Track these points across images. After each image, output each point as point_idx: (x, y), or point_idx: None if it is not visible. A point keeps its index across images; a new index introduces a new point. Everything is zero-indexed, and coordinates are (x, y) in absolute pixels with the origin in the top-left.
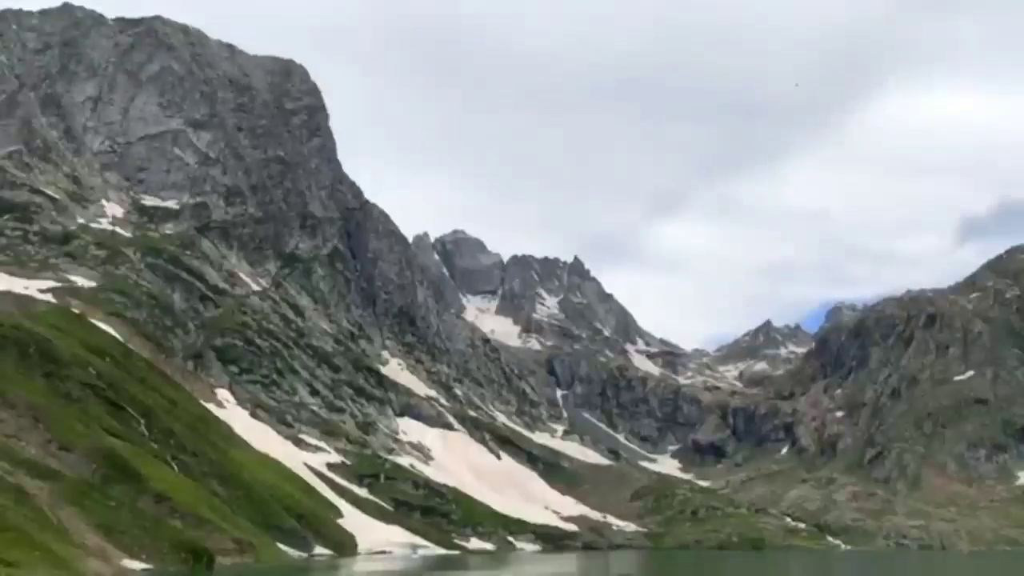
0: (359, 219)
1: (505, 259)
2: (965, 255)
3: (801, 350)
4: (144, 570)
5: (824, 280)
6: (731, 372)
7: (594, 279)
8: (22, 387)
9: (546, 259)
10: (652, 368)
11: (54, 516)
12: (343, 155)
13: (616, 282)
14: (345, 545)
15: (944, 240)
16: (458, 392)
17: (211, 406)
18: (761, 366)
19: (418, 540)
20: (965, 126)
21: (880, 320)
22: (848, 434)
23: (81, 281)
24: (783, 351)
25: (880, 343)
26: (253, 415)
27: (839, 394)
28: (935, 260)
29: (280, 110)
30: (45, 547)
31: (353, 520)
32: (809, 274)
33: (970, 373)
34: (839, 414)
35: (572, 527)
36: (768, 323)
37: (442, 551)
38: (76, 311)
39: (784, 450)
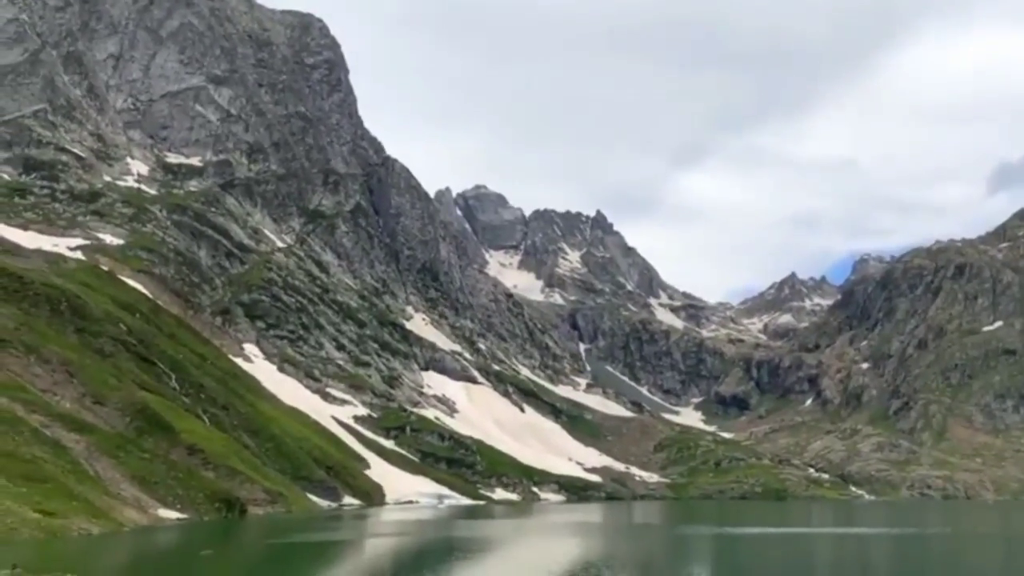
0: (381, 175)
1: (527, 213)
2: (996, 204)
3: (826, 302)
4: (179, 519)
5: (850, 231)
6: (755, 325)
7: (617, 233)
8: (55, 343)
9: (568, 213)
10: (675, 321)
11: (90, 468)
12: (364, 110)
13: (639, 235)
14: (373, 495)
15: (975, 189)
16: (482, 346)
17: (239, 361)
18: (786, 319)
19: (444, 490)
20: (1000, 71)
21: (908, 271)
22: (873, 386)
23: (109, 239)
24: (808, 303)
25: (907, 294)
26: (281, 369)
27: (865, 346)
28: (965, 209)
29: (300, 65)
30: (83, 498)
31: (380, 471)
32: (835, 225)
33: (998, 323)
34: (864, 366)
35: (595, 478)
36: (793, 275)
37: (468, 501)
38: (105, 268)
39: (808, 402)
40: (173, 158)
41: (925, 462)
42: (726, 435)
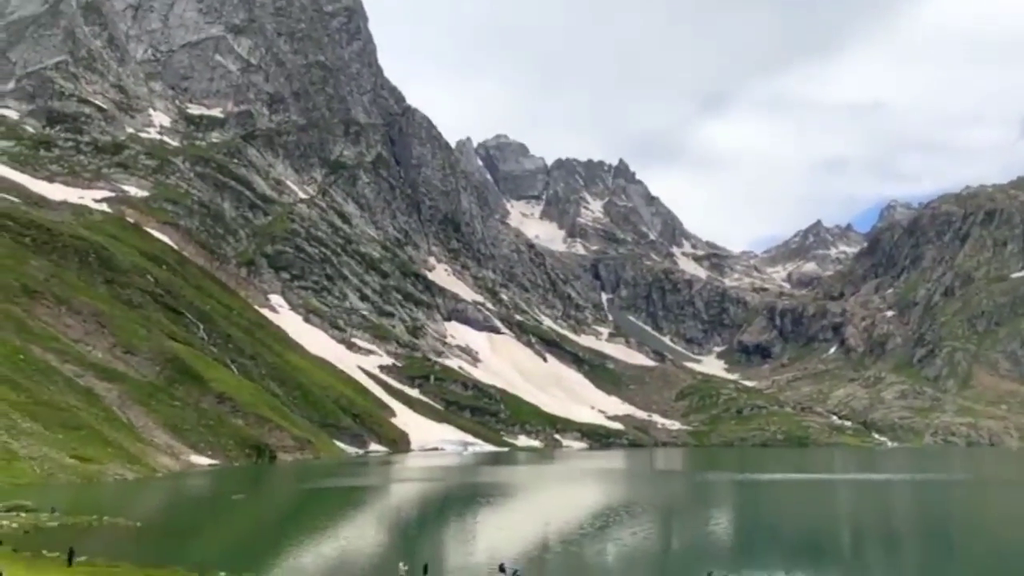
0: (402, 125)
1: (549, 163)
2: None
3: (852, 250)
4: (210, 465)
5: (878, 177)
6: (779, 273)
7: (640, 182)
8: (85, 294)
9: (590, 162)
10: (699, 271)
11: (123, 416)
12: (383, 59)
13: (662, 184)
14: (399, 442)
15: (1007, 132)
16: (504, 297)
17: (265, 311)
18: (810, 267)
19: (468, 438)
20: None
21: (936, 217)
22: (898, 333)
23: (134, 190)
24: (833, 251)
25: (935, 241)
26: (306, 320)
27: (890, 294)
28: (996, 154)
29: (319, 13)
30: (117, 444)
31: (405, 419)
32: (863, 171)
33: None
34: (889, 314)
35: (617, 426)
36: (818, 223)
37: (491, 448)
38: (131, 220)
39: (831, 350)
40: (195, 109)
41: (949, 409)
42: (748, 383)
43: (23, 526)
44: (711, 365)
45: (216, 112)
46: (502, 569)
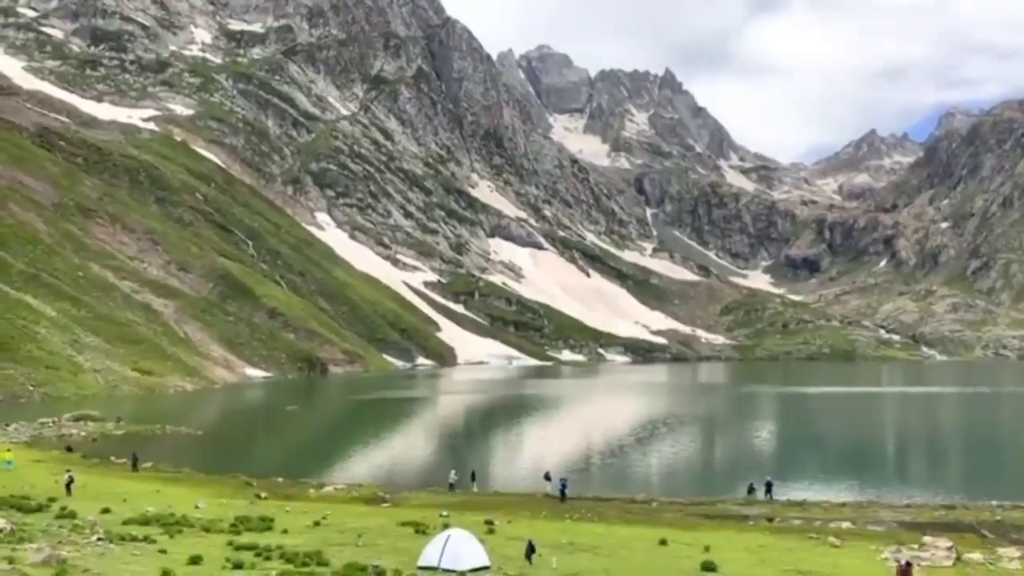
0: (441, 37)
1: (592, 74)
2: None
3: (907, 160)
4: (264, 378)
5: (940, 82)
6: (830, 185)
7: (687, 92)
8: (138, 212)
9: (636, 72)
10: (746, 183)
11: (180, 330)
12: None
13: (710, 94)
14: (445, 356)
15: None
16: (547, 213)
17: (312, 229)
18: (862, 178)
19: (513, 352)
20: None
21: (997, 124)
22: (952, 245)
23: (179, 109)
24: (887, 161)
25: (995, 149)
26: (351, 237)
27: (945, 204)
28: None
29: None
30: (175, 358)
31: (451, 334)
32: (923, 76)
33: None
34: (944, 225)
35: (661, 340)
36: (873, 132)
37: (535, 362)
38: (178, 138)
39: (882, 264)
40: (235, 25)
41: (1002, 322)
42: (795, 298)
43: (91, 434)
44: (757, 280)
45: (256, 27)
46: (547, 477)
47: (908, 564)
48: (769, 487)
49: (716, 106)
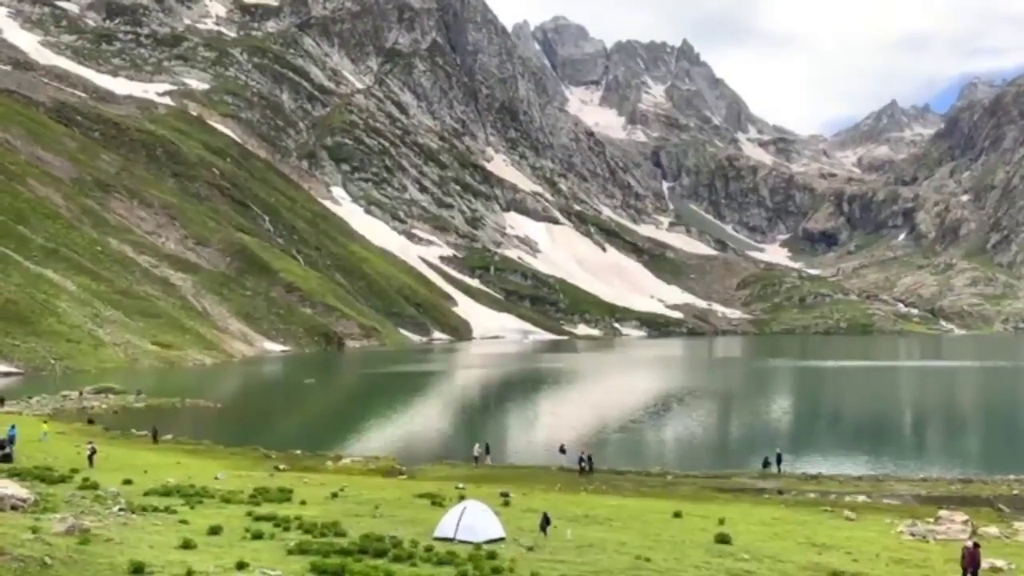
0: (456, 9)
1: (609, 46)
2: None
3: (928, 132)
4: (282, 351)
5: (962, 52)
6: (849, 158)
7: (704, 64)
8: (155, 187)
9: (652, 44)
10: (764, 156)
11: (198, 304)
12: None
13: (728, 66)
14: (461, 330)
15: None
16: (563, 187)
17: (327, 203)
18: (882, 150)
19: (528, 326)
20: None
21: (1020, 95)
22: (972, 219)
23: (195, 83)
24: (908, 133)
25: (1018, 121)
26: (367, 211)
27: (966, 177)
28: None
29: None
30: (194, 331)
31: (467, 308)
32: (945, 48)
33: None
34: (964, 198)
35: (677, 314)
36: (893, 103)
37: (551, 336)
38: (194, 113)
39: (901, 237)
40: None
41: (1022, 296)
42: (812, 272)
43: (112, 407)
44: (774, 254)
45: (270, 0)
46: (562, 450)
47: (976, 545)
48: (779, 459)
49: (734, 78)
